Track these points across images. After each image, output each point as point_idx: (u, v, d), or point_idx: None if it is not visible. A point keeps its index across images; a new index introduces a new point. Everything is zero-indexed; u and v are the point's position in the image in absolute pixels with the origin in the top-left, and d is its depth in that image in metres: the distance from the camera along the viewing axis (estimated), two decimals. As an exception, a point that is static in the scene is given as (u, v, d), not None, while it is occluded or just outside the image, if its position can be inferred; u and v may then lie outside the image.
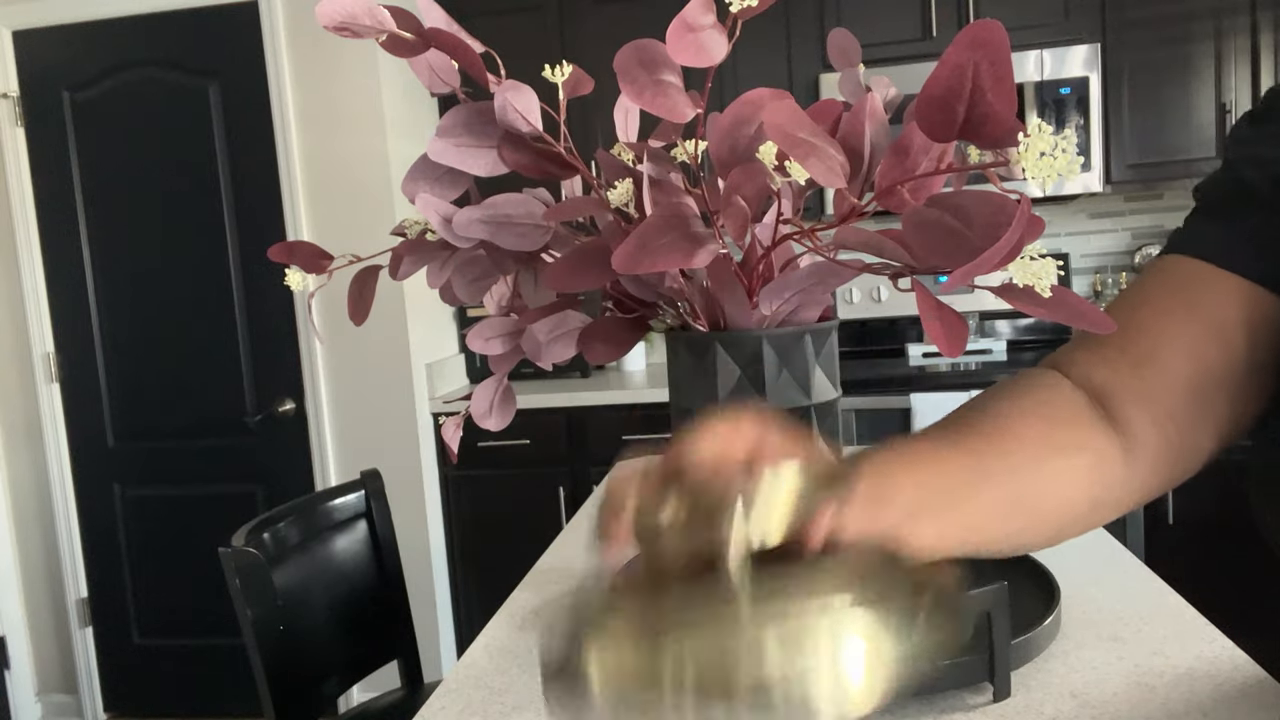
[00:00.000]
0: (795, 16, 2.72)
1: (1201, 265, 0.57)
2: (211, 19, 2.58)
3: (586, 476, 2.68)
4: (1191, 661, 0.80)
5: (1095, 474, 0.55)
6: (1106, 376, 0.57)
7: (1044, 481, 0.54)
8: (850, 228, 0.64)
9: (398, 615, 1.63)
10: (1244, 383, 0.55)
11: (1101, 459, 0.56)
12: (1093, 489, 0.56)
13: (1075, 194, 2.66)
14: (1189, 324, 0.56)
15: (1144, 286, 0.59)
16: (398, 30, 0.74)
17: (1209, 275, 0.56)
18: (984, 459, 0.53)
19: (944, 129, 0.52)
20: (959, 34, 0.49)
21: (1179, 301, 0.57)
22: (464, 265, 0.87)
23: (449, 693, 0.86)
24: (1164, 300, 0.57)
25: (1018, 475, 0.54)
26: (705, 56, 0.69)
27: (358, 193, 2.57)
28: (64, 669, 2.88)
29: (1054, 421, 0.56)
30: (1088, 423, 0.56)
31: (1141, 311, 0.58)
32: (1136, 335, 0.57)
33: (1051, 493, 0.55)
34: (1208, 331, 0.55)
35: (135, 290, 2.71)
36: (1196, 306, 0.56)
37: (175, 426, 2.73)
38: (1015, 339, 3.00)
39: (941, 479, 0.52)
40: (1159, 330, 0.56)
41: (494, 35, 2.83)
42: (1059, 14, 2.63)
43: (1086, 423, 0.56)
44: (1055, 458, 0.55)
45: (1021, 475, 0.54)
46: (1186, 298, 0.56)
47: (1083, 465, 0.55)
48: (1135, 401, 0.56)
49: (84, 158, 2.68)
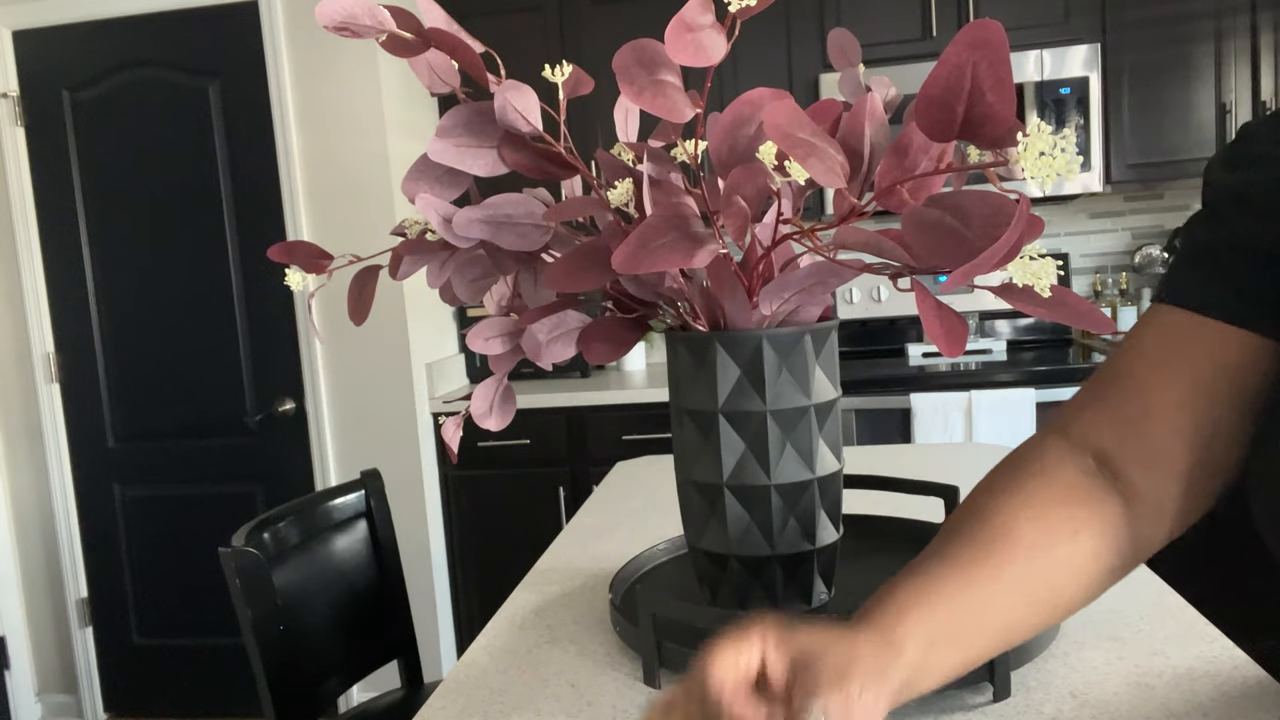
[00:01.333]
0: (795, 16, 2.72)
1: (1186, 315, 0.57)
2: (211, 19, 2.58)
3: (586, 476, 2.68)
4: (1191, 661, 0.80)
5: (1102, 545, 0.57)
6: (1107, 438, 0.59)
7: (1051, 575, 0.56)
8: (850, 228, 0.64)
9: (398, 615, 1.63)
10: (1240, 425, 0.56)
11: (1105, 529, 0.57)
12: (1101, 561, 0.57)
13: (1075, 194, 2.66)
14: (1179, 376, 0.57)
15: (1136, 338, 0.61)
16: (398, 30, 0.74)
17: (1194, 324, 0.57)
18: (988, 574, 0.55)
19: (943, 129, 0.52)
20: (958, 34, 0.49)
21: (1168, 354, 0.58)
22: (464, 265, 0.87)
23: (449, 693, 0.86)
24: (1155, 353, 0.59)
25: (1025, 580, 0.55)
26: (704, 56, 0.69)
27: (358, 193, 2.57)
28: (64, 669, 2.88)
29: (1048, 513, 0.57)
30: (1085, 498, 0.57)
31: (1135, 365, 0.59)
32: (1132, 391, 0.59)
33: (1062, 581, 0.56)
34: (1198, 381, 0.56)
35: (135, 290, 2.71)
36: (1185, 358, 0.57)
37: (175, 426, 2.74)
38: (1015, 339, 3.00)
39: (949, 611, 0.53)
40: (1152, 385, 0.58)
41: (494, 35, 2.85)
42: (1059, 14, 2.63)
43: (1083, 498, 0.57)
44: (1057, 548, 0.56)
45: (1028, 580, 0.55)
46: (1175, 349, 0.57)
47: (1086, 546, 0.56)
48: (1137, 460, 0.58)
49: (84, 158, 2.68)
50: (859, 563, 1.01)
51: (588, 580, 1.12)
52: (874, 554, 1.03)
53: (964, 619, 0.54)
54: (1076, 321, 0.60)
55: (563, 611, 1.03)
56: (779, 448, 0.81)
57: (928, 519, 1.16)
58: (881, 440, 2.52)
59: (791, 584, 0.84)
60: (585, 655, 0.91)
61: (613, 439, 2.64)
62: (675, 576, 1.03)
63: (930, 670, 0.53)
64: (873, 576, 0.97)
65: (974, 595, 0.54)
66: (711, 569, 0.86)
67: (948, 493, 1.05)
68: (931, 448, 1.75)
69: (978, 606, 0.54)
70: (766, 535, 0.82)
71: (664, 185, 0.77)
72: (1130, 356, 0.60)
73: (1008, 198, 0.54)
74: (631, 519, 1.39)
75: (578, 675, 0.87)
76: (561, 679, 0.87)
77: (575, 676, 0.87)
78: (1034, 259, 0.58)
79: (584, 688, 0.84)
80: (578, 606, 1.04)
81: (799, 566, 0.83)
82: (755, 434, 0.80)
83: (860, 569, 0.99)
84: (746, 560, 0.83)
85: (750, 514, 0.82)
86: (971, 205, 0.56)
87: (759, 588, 0.84)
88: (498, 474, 2.71)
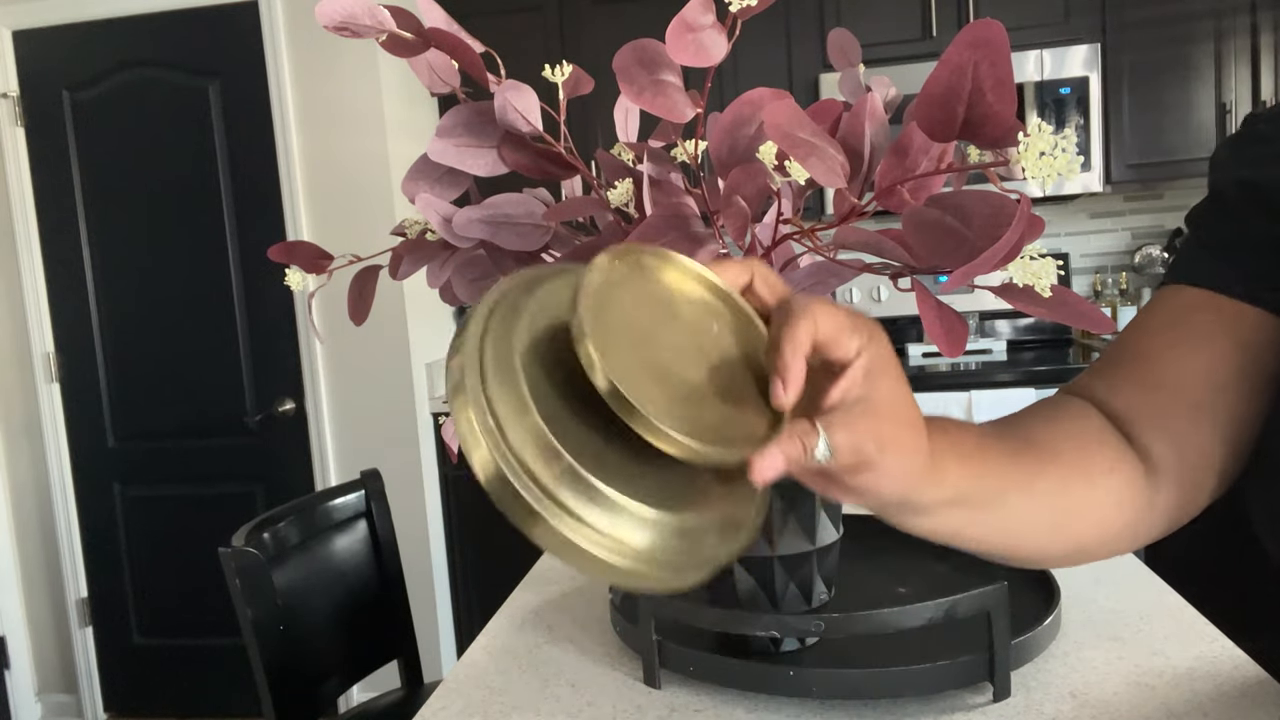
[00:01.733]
0: (795, 16, 2.72)
1: (1201, 293, 0.57)
2: (211, 19, 2.58)
3: (586, 476, 2.67)
4: (1191, 661, 0.80)
5: (1127, 496, 0.56)
6: (1124, 402, 0.58)
7: (1082, 501, 0.55)
8: (850, 228, 0.64)
9: (398, 615, 1.63)
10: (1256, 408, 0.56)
11: (1131, 483, 0.56)
12: (1124, 512, 0.56)
13: (1075, 194, 2.66)
14: (1193, 350, 0.56)
15: (1145, 318, 0.60)
16: (398, 30, 0.74)
17: (1205, 301, 0.57)
18: (1030, 469, 0.53)
19: (944, 129, 0.52)
20: (959, 34, 0.49)
21: (1180, 330, 0.57)
22: (464, 265, 0.87)
23: (449, 693, 0.86)
24: (1166, 330, 0.58)
25: (1058, 493, 0.54)
26: (705, 56, 0.69)
27: (358, 193, 2.57)
28: (64, 669, 2.88)
29: (1089, 443, 0.56)
30: (1116, 446, 0.57)
31: (1146, 341, 0.59)
32: (1145, 363, 0.58)
33: (1087, 513, 0.55)
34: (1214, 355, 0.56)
35: (135, 290, 2.70)
36: (1201, 334, 0.56)
37: (175, 426, 2.73)
38: (1015, 339, 3.00)
39: (989, 479, 0.51)
40: (1166, 357, 0.57)
41: (494, 35, 2.83)
42: (1059, 14, 2.63)
43: (1115, 446, 0.57)
44: (1093, 478, 0.55)
45: (1063, 493, 0.54)
46: (1187, 325, 0.57)
47: (1116, 488, 0.56)
48: (1152, 426, 0.57)
49: (84, 158, 2.68)
50: (859, 563, 1.01)
51: (588, 580, 1.12)
52: (874, 554, 1.03)
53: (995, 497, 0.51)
54: (1077, 321, 0.60)
55: (563, 611, 1.03)
56: (779, 448, 0.80)
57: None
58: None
59: (791, 584, 0.84)
60: (585, 655, 0.91)
61: (613, 439, 2.64)
62: (675, 576, 1.03)
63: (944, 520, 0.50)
64: (873, 576, 0.97)
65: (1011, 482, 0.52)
66: (711, 569, 0.86)
67: (948, 493, 1.05)
68: (931, 448, 1.75)
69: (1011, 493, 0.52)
70: (766, 535, 0.82)
71: (664, 185, 0.77)
72: (1141, 333, 0.59)
73: (1008, 198, 0.54)
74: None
75: (578, 675, 0.87)
76: (561, 679, 0.87)
77: (575, 676, 0.87)
78: (1034, 259, 0.58)
79: (584, 688, 0.84)
80: (578, 606, 1.04)
81: (799, 566, 0.83)
82: (755, 434, 0.80)
83: (860, 569, 0.99)
84: (746, 560, 0.83)
85: (750, 514, 0.82)
86: (972, 205, 0.56)
87: (759, 588, 0.84)
88: (498, 474, 2.71)
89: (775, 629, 0.78)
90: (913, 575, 0.96)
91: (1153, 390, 0.57)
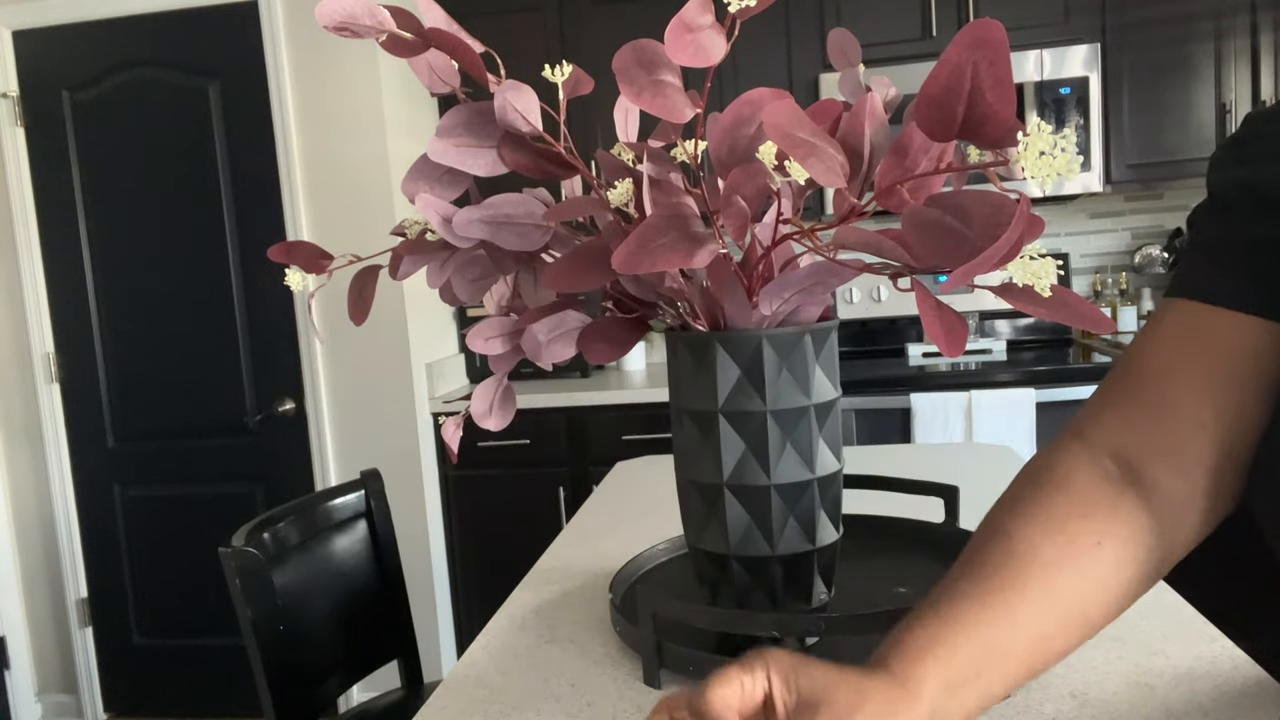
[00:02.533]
0: (795, 16, 2.72)
1: (1199, 306, 0.57)
2: (211, 19, 2.58)
3: (586, 476, 2.68)
4: (1191, 661, 0.80)
5: (1125, 555, 0.55)
6: (1126, 437, 0.58)
7: (1076, 593, 0.54)
8: (850, 228, 0.64)
9: (398, 615, 1.63)
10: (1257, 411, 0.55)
11: (1129, 537, 0.55)
12: (1126, 571, 0.55)
13: (1075, 194, 2.66)
14: (1197, 367, 0.56)
15: (1150, 334, 0.60)
16: (398, 30, 0.74)
17: (1208, 315, 0.56)
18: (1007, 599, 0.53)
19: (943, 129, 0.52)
20: (958, 34, 0.49)
21: (1184, 347, 0.57)
22: (464, 265, 0.87)
23: (449, 693, 0.86)
24: (1169, 347, 0.58)
25: (1048, 604, 0.53)
26: (704, 56, 0.69)
27: (358, 193, 2.57)
28: (64, 669, 2.88)
29: (1070, 524, 0.55)
30: (1106, 506, 0.56)
31: (1149, 359, 0.59)
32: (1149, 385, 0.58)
33: (1087, 598, 0.54)
34: (1216, 372, 0.55)
35: (135, 290, 2.71)
36: (1202, 349, 0.56)
37: (175, 426, 2.74)
38: (1015, 339, 3.00)
39: (969, 650, 0.51)
40: (1170, 377, 0.57)
41: (494, 35, 2.84)
42: (1059, 14, 2.63)
43: (1104, 507, 0.56)
44: (1079, 563, 0.54)
45: (1052, 602, 0.53)
46: (1191, 341, 0.57)
47: (1110, 557, 0.55)
48: (1158, 455, 0.56)
49: (84, 158, 2.68)
50: (859, 563, 1.01)
51: (588, 580, 1.12)
52: (874, 554, 1.03)
53: (986, 656, 0.51)
54: (1076, 321, 0.60)
55: (563, 611, 1.03)
56: (779, 448, 0.80)
57: (928, 519, 1.16)
58: (881, 440, 2.52)
59: (791, 584, 0.84)
60: (585, 655, 0.91)
61: (613, 439, 2.64)
62: (675, 576, 1.03)
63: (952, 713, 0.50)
64: (873, 576, 0.97)
65: (996, 629, 0.52)
66: (711, 569, 0.86)
67: (948, 493, 1.05)
68: (931, 448, 1.75)
69: (1000, 641, 0.52)
70: (766, 535, 0.82)
71: (664, 185, 0.77)
72: (1143, 352, 0.59)
73: (1008, 197, 0.54)
74: (631, 519, 1.39)
75: (578, 675, 0.87)
76: (561, 679, 0.87)
77: (575, 676, 0.87)
78: (1034, 259, 0.58)
79: (584, 688, 0.84)
80: (578, 606, 1.04)
81: (799, 566, 0.83)
82: (755, 434, 0.80)
83: (860, 569, 0.99)
84: (746, 560, 0.83)
85: (750, 514, 0.82)
86: (971, 205, 0.56)
87: (759, 588, 0.84)
88: (498, 474, 2.71)
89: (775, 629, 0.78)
90: (913, 575, 0.96)
91: (1155, 416, 0.57)
